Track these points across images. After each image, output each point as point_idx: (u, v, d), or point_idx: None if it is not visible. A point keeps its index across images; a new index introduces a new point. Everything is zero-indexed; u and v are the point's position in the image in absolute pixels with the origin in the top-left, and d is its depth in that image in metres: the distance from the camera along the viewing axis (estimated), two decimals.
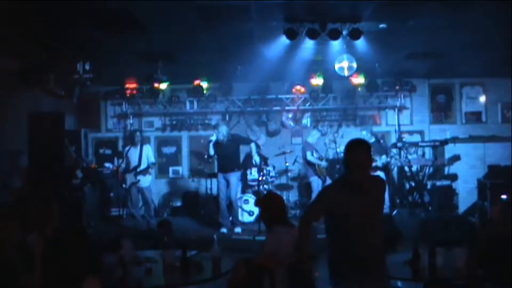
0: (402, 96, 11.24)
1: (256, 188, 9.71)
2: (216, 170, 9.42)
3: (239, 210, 9.43)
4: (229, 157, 8.83)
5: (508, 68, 9.20)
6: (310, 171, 9.61)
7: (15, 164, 8.13)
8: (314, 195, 9.41)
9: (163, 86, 10.32)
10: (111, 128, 11.61)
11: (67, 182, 8.64)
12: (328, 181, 9.54)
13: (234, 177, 8.85)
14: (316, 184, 9.50)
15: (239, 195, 9.75)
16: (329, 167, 9.89)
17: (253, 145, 9.32)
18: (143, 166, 9.01)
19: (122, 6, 6.03)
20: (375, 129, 10.62)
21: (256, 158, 9.34)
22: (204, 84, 10.91)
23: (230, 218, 9.03)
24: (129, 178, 9.06)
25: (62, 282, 2.85)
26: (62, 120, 8.49)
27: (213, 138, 8.88)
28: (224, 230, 8.79)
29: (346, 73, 8.04)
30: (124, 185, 9.16)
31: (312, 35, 7.00)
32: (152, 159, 9.26)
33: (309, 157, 9.54)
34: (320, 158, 9.63)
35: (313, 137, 9.87)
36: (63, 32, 6.97)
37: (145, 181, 9.09)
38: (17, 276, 3.18)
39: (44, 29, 6.77)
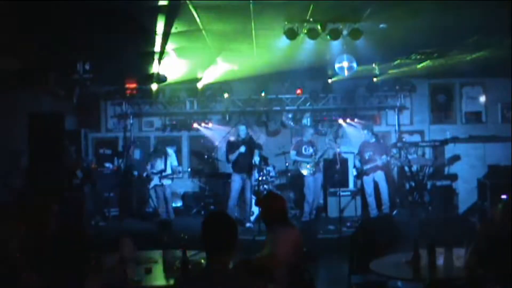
0: (402, 96, 11.24)
1: (256, 188, 9.71)
2: (219, 170, 9.61)
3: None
4: (248, 158, 9.05)
5: (508, 68, 9.19)
6: (300, 167, 9.80)
7: (15, 164, 8.14)
8: (305, 190, 9.59)
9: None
10: (111, 128, 11.61)
11: (67, 182, 8.65)
12: (319, 176, 9.70)
13: (251, 178, 9.15)
14: (306, 179, 9.64)
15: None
16: (315, 165, 9.71)
17: (257, 151, 9.61)
18: (168, 171, 9.78)
19: (122, 6, 6.03)
20: (375, 129, 10.61)
21: (256, 159, 9.36)
22: None
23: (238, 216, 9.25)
24: (154, 180, 9.74)
25: (62, 282, 2.86)
26: (62, 120, 8.50)
27: (238, 137, 9.11)
28: None
29: (346, 73, 8.04)
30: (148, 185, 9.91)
31: (312, 35, 7.00)
32: (175, 163, 9.96)
33: (292, 156, 9.77)
34: (312, 155, 9.61)
35: (307, 133, 9.91)
36: (63, 32, 6.96)
37: (168, 180, 9.83)
38: (17, 276, 3.17)
39: (44, 29, 6.76)
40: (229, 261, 2.86)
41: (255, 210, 9.36)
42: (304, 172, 9.61)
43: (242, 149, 9.01)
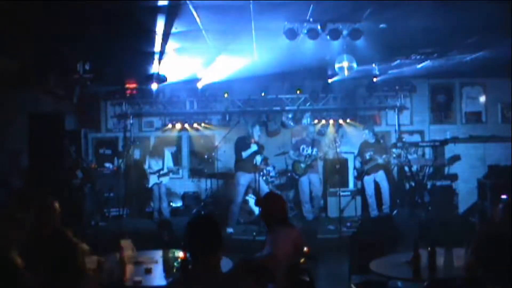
0: (402, 96, 11.24)
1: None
2: (219, 170, 9.93)
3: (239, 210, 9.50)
4: (254, 158, 9.04)
5: (508, 68, 9.19)
6: (293, 166, 9.96)
7: (15, 164, 8.13)
8: (300, 191, 9.75)
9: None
10: (111, 128, 11.61)
11: (67, 182, 8.65)
12: (313, 176, 9.71)
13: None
14: (299, 179, 9.75)
15: None
16: (309, 166, 9.78)
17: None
18: (165, 170, 10.15)
19: (122, 6, 6.03)
20: (375, 129, 10.61)
21: (258, 159, 9.37)
22: None
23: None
24: (152, 179, 10.01)
25: (61, 282, 2.85)
26: (62, 120, 8.51)
27: (249, 137, 9.12)
28: (231, 230, 8.79)
29: (346, 73, 8.04)
30: (147, 185, 10.23)
31: (312, 35, 6.99)
32: (171, 164, 10.26)
33: (290, 155, 9.99)
34: (308, 156, 9.63)
35: (307, 133, 9.97)
36: (63, 32, 6.96)
37: (165, 179, 10.18)
38: (17, 276, 3.17)
39: (44, 29, 6.76)
40: (217, 262, 2.84)
41: (255, 210, 9.37)
42: (296, 171, 9.68)
43: (255, 147, 8.93)
